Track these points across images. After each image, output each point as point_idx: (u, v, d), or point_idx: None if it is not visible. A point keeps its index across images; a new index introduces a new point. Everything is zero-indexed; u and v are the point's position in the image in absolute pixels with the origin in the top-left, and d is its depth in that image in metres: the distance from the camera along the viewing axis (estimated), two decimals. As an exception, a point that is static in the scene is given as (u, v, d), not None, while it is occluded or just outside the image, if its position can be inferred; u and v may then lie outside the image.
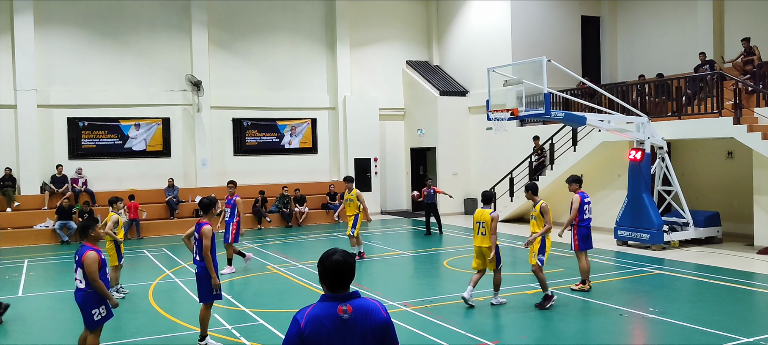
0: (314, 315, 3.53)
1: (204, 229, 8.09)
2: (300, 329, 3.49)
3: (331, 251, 3.68)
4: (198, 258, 8.22)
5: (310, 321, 3.51)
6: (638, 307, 10.04)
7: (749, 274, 12.42)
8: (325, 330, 3.50)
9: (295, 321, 3.54)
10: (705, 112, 15.91)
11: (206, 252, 8.06)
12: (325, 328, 3.50)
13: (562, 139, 20.21)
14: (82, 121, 21.54)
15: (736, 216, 16.91)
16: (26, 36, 20.58)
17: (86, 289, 7.13)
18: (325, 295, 3.62)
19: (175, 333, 9.26)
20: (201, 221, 8.23)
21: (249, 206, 22.14)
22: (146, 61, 22.53)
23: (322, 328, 3.50)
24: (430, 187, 19.06)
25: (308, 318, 3.52)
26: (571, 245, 11.56)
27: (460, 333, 8.81)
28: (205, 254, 8.06)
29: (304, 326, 3.49)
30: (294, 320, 3.55)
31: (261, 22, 24.27)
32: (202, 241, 8.08)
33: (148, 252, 16.99)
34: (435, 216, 19.18)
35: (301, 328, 3.49)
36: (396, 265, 15.08)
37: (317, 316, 3.53)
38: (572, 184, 11.74)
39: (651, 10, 22.48)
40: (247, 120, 24.02)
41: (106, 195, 20.64)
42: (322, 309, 3.55)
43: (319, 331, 3.50)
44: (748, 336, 8.35)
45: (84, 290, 7.15)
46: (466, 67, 25.35)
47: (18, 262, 16.01)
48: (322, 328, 3.50)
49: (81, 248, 7.20)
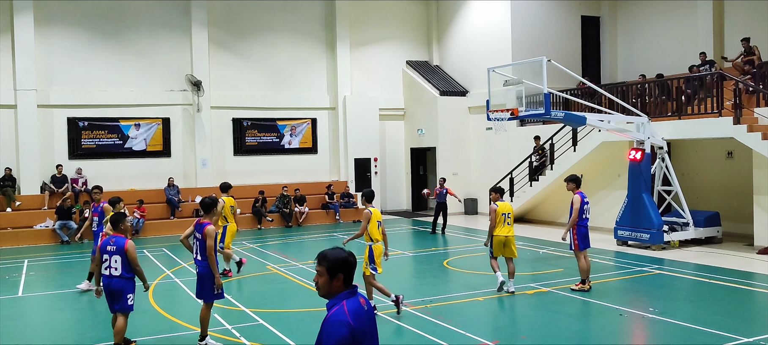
0: (354, 310, 3.61)
1: (207, 229, 8.13)
2: (352, 328, 3.53)
3: (341, 250, 3.76)
4: (199, 258, 8.24)
5: (354, 316, 3.58)
6: (638, 307, 10.03)
7: (749, 274, 12.42)
8: (364, 322, 3.62)
9: (342, 323, 3.53)
10: (705, 112, 15.90)
11: (210, 252, 8.09)
12: (363, 320, 3.62)
13: (562, 139, 20.22)
14: (82, 121, 21.54)
15: (736, 216, 16.91)
16: (26, 36, 20.58)
17: (124, 274, 7.87)
18: (347, 292, 3.70)
19: (175, 333, 9.26)
20: (203, 221, 8.25)
21: (249, 206, 22.16)
22: (146, 61, 22.53)
23: (362, 320, 3.61)
24: (443, 187, 19.10)
25: (352, 315, 3.58)
26: (570, 245, 11.47)
27: (460, 333, 8.80)
28: (208, 254, 8.09)
29: (355, 324, 3.55)
30: (339, 323, 3.53)
31: (261, 22, 24.28)
32: (205, 241, 8.11)
33: (148, 252, 16.99)
34: (443, 215, 19.23)
35: (352, 326, 3.53)
36: (396, 265, 15.07)
37: (356, 310, 3.62)
38: (570, 183, 11.60)
39: (651, 10, 22.48)
40: (247, 120, 24.02)
41: (106, 195, 20.68)
42: (355, 304, 3.65)
43: (362, 324, 3.60)
44: (748, 336, 8.35)
45: (120, 276, 7.87)
46: (466, 67, 25.35)
47: (18, 262, 16.00)
48: (362, 320, 3.61)
49: (117, 239, 7.91)
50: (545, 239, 17.42)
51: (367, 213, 9.74)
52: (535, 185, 20.78)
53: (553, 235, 18.26)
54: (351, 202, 24.11)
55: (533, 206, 21.57)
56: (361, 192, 15.22)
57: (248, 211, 21.96)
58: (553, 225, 20.62)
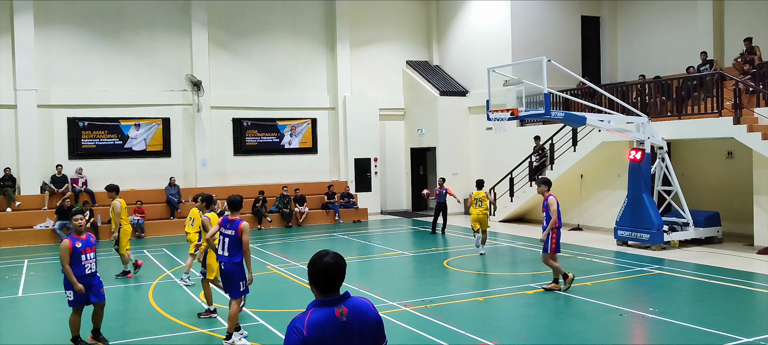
0: (315, 320, 3.44)
1: (242, 225, 8.36)
2: (303, 337, 3.39)
3: (322, 253, 3.60)
4: (226, 254, 8.43)
5: (311, 327, 3.42)
6: (638, 307, 10.03)
7: (749, 274, 12.42)
8: (326, 334, 3.44)
9: (296, 329, 3.42)
10: (705, 112, 15.90)
11: (247, 246, 8.36)
12: (326, 333, 3.44)
13: (562, 139, 20.21)
14: (82, 121, 21.54)
15: (736, 216, 16.91)
16: (26, 36, 20.58)
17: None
18: (320, 300, 3.53)
19: (175, 333, 9.25)
20: (234, 218, 8.45)
21: (249, 206, 22.15)
22: (146, 61, 22.54)
23: (323, 332, 3.42)
24: (443, 187, 19.11)
25: (309, 324, 3.42)
26: (546, 248, 11.08)
27: (460, 333, 8.80)
28: (246, 249, 8.35)
29: (308, 334, 3.40)
30: (293, 329, 3.43)
31: (261, 22, 24.28)
32: (240, 237, 8.32)
33: (148, 252, 16.99)
34: (443, 215, 19.23)
35: (304, 336, 3.39)
36: (396, 265, 15.08)
37: (318, 321, 3.44)
38: (542, 186, 11.22)
39: (651, 10, 22.48)
40: (247, 120, 24.02)
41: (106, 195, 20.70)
42: (321, 314, 3.46)
43: (322, 336, 3.42)
44: (748, 336, 8.35)
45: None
46: (466, 67, 25.35)
47: (18, 262, 16.00)
48: (323, 332, 3.42)
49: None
50: (545, 239, 17.39)
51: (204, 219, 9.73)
52: (535, 185, 20.75)
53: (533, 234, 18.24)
54: (351, 203, 24.11)
55: (533, 206, 21.54)
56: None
57: (248, 211, 21.96)
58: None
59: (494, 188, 22.36)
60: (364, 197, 25.04)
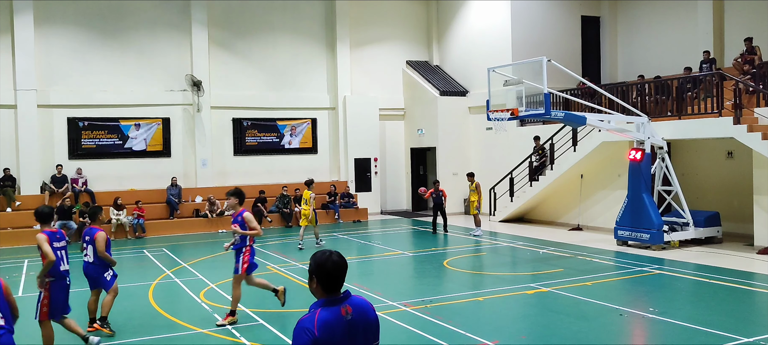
0: (325, 320, 3.45)
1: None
2: (315, 337, 3.40)
3: (326, 252, 3.61)
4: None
5: (322, 327, 3.42)
6: (638, 307, 10.03)
7: (749, 274, 12.41)
8: (335, 334, 3.47)
9: (307, 330, 3.42)
10: (705, 112, 15.90)
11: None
12: (335, 332, 3.46)
13: (562, 139, 20.21)
14: (82, 121, 21.54)
15: (736, 216, 16.90)
16: (26, 36, 20.58)
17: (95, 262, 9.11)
18: (325, 299, 3.55)
19: (175, 333, 9.26)
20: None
21: (249, 206, 22.12)
22: (146, 61, 22.53)
23: (332, 332, 3.45)
24: (438, 189, 19.17)
25: (320, 324, 3.43)
26: (237, 269, 9.53)
27: (460, 333, 8.80)
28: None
29: (319, 334, 3.41)
30: (304, 330, 3.43)
31: (261, 22, 24.27)
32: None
33: (148, 252, 16.98)
34: (442, 215, 19.29)
35: (316, 336, 3.40)
36: (396, 265, 15.07)
37: (327, 321, 3.45)
38: (231, 198, 9.72)
39: (651, 10, 22.48)
40: (247, 120, 24.02)
41: (107, 195, 20.80)
42: (329, 313, 3.48)
43: (331, 335, 3.44)
44: (748, 336, 8.35)
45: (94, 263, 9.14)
46: (466, 67, 25.35)
47: (18, 262, 16.00)
48: (332, 332, 3.45)
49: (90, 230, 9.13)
50: (545, 239, 17.40)
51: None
52: (535, 185, 20.76)
53: (553, 235, 18.28)
54: (351, 202, 24.10)
55: (533, 206, 21.57)
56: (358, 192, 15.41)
57: (248, 211, 21.91)
58: (552, 225, 20.62)
59: (494, 188, 22.38)
60: (364, 197, 25.04)
